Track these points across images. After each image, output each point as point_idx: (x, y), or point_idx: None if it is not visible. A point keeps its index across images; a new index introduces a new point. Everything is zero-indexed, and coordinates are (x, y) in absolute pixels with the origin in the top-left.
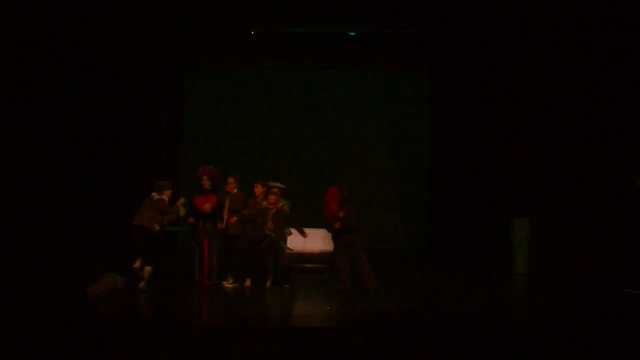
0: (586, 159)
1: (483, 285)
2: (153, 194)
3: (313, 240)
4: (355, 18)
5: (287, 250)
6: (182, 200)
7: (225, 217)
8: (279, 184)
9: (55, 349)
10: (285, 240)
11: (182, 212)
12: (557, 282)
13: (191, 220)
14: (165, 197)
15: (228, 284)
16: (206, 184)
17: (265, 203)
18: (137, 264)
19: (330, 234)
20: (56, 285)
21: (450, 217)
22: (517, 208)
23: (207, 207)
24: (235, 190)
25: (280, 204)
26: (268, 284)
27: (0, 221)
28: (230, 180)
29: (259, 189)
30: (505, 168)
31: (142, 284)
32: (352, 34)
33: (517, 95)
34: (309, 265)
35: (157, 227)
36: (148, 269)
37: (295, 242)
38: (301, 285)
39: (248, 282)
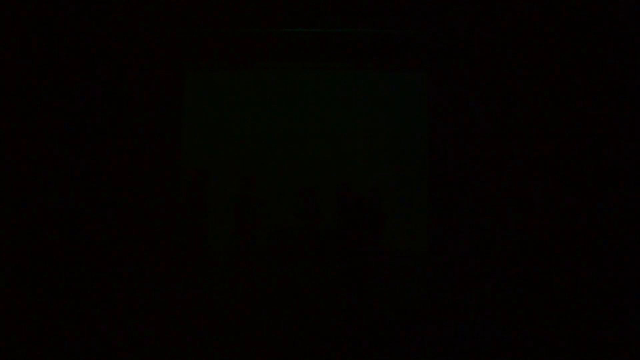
0: (590, 160)
1: None
2: None
3: None
4: (354, 18)
5: None
6: None
7: None
8: None
9: None
10: None
11: None
12: None
13: None
14: None
15: None
16: None
17: None
18: None
19: None
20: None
21: (450, 219)
22: (517, 209)
23: None
24: None
25: None
26: None
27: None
28: None
29: None
30: (507, 169)
31: None
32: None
33: (519, 95)
34: None
35: None
36: None
37: None
38: None
39: None
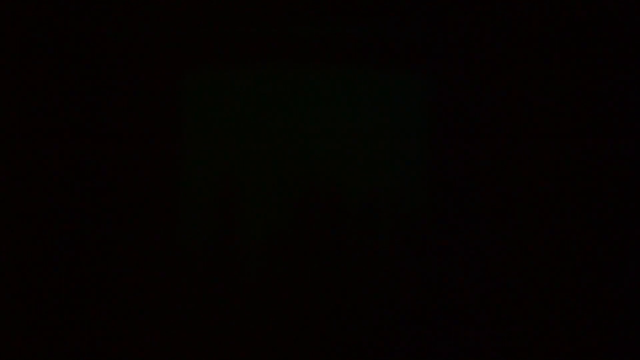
0: (592, 160)
1: None
2: None
3: None
4: (354, 18)
5: None
6: None
7: None
8: None
9: None
10: None
11: None
12: None
13: None
14: None
15: None
16: None
17: None
18: None
19: None
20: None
21: (450, 219)
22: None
23: None
24: None
25: None
26: None
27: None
28: None
29: None
30: (508, 169)
31: None
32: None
33: (520, 95)
34: None
35: None
36: None
37: None
38: None
39: None
